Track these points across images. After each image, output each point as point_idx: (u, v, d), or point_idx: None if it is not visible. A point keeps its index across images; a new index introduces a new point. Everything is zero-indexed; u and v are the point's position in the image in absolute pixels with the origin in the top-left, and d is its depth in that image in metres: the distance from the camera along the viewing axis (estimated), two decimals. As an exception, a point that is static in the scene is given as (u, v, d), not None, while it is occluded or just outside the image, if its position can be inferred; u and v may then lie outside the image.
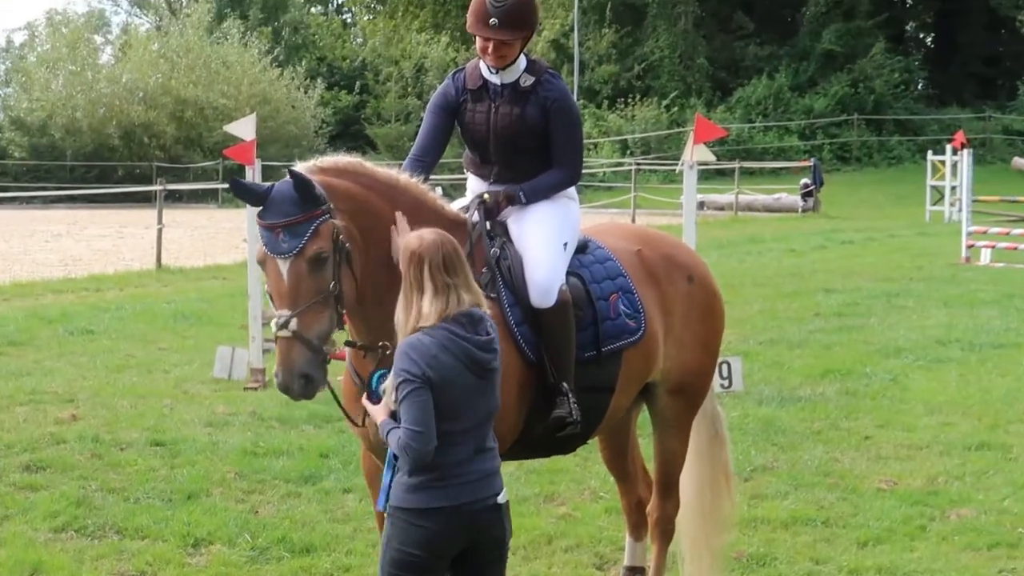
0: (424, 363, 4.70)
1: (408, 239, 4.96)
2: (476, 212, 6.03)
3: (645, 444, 7.14)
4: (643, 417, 6.96)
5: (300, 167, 5.34)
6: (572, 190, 6.37)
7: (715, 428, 7.07)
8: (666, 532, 6.76)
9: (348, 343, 5.63)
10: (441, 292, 4.80)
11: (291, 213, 5.17)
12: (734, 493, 7.40)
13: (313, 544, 8.00)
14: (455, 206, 6.18)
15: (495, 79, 6.09)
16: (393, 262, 5.33)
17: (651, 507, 6.83)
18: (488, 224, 6.04)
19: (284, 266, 5.16)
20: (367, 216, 5.46)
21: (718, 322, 6.84)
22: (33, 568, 7.58)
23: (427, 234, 4.94)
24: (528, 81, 6.09)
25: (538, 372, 5.86)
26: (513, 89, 6.08)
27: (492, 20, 5.89)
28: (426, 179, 6.00)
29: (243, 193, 5.41)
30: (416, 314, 4.81)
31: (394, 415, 4.82)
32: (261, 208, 5.24)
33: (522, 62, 6.10)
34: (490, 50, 5.97)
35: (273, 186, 5.29)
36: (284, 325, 5.10)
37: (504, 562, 5.05)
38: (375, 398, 5.12)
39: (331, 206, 5.25)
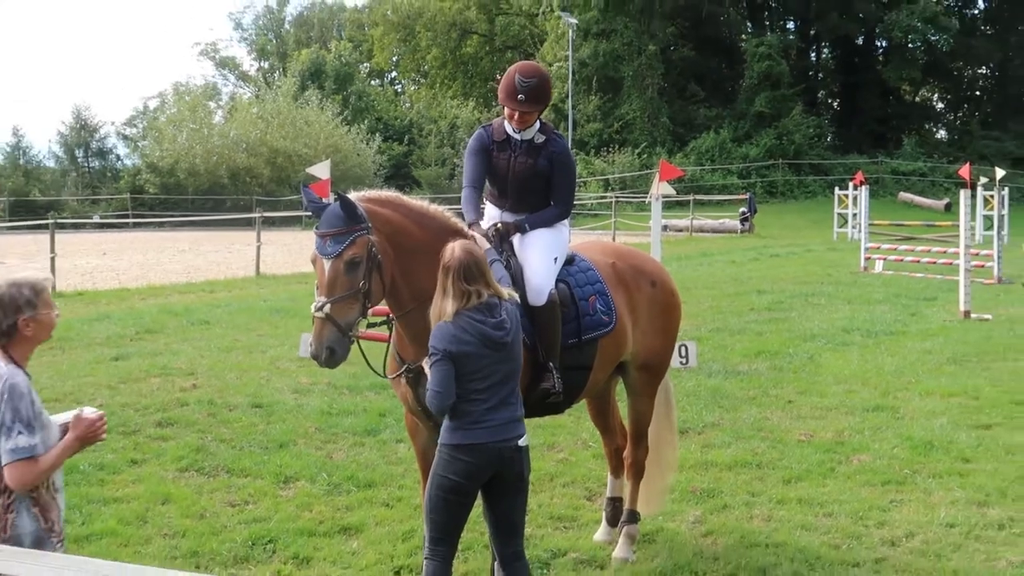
0: (447, 342, 4.74)
1: (443, 252, 4.95)
2: (492, 236, 6.04)
3: (622, 406, 7.13)
4: (620, 386, 6.96)
5: (351, 195, 5.36)
6: (564, 220, 6.38)
7: (666, 395, 7.06)
8: (639, 472, 6.75)
9: (370, 325, 5.67)
10: (460, 296, 4.81)
11: (336, 225, 5.20)
12: (676, 444, 7.39)
13: (374, 480, 8.05)
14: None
15: (516, 136, 6.09)
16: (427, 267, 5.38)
17: (627, 453, 6.82)
18: (500, 243, 6.06)
19: (327, 265, 5.20)
20: (402, 235, 5.46)
21: (675, 316, 6.82)
22: (164, 498, 7.61)
23: (457, 250, 4.92)
24: (540, 139, 6.10)
25: (533, 354, 5.84)
26: (529, 144, 6.08)
27: (520, 96, 5.90)
28: (479, 202, 6.02)
29: (309, 201, 5.39)
30: (440, 311, 4.85)
31: None
32: (317, 222, 5.27)
33: (537, 124, 6.10)
34: (516, 117, 5.99)
35: (330, 205, 5.31)
36: (320, 308, 5.15)
37: (525, 494, 5.04)
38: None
39: (369, 225, 5.27)
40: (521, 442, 4.88)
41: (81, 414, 4.15)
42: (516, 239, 6.10)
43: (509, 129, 6.10)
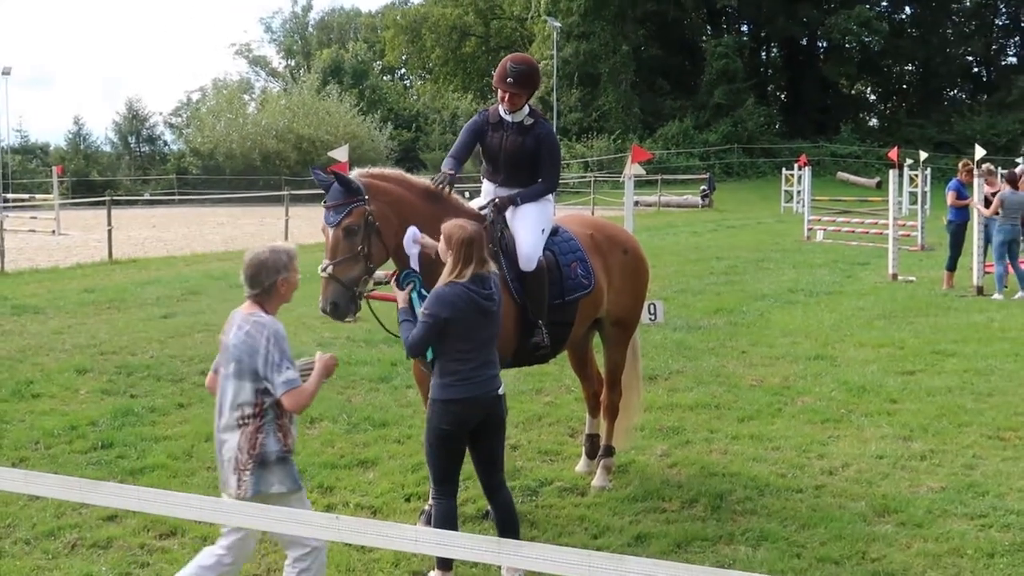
0: (442, 307, 4.65)
1: (457, 229, 4.77)
2: (490, 210, 6.00)
3: (598, 356, 7.11)
4: (596, 339, 6.94)
5: (353, 172, 5.37)
6: (550, 195, 6.33)
7: (633, 348, 7.04)
8: (613, 413, 6.74)
9: (377, 283, 5.67)
10: (479, 263, 4.74)
11: (337, 199, 5.25)
12: (641, 389, 7.36)
13: (387, 420, 8.04)
14: (474, 204, 6.16)
15: (508, 118, 6.04)
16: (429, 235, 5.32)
17: (603, 396, 6.80)
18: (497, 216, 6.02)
19: (330, 232, 5.25)
20: (403, 205, 5.45)
21: (644, 279, 6.80)
22: (207, 436, 7.51)
23: (469, 226, 4.80)
24: (529, 122, 6.05)
25: (524, 312, 5.84)
26: (520, 126, 6.03)
27: (509, 79, 5.86)
28: (458, 170, 5.90)
29: (320, 180, 5.38)
30: (458, 274, 4.70)
31: (411, 308, 4.87)
32: (326, 196, 5.29)
33: (527, 109, 6.04)
34: (506, 99, 5.93)
35: (334, 182, 5.32)
36: (324, 269, 5.21)
37: (504, 430, 5.01)
38: (400, 288, 5.05)
39: (366, 197, 5.27)
40: (500, 391, 4.87)
41: (321, 356, 4.44)
42: (509, 212, 6.06)
43: (502, 111, 6.05)
